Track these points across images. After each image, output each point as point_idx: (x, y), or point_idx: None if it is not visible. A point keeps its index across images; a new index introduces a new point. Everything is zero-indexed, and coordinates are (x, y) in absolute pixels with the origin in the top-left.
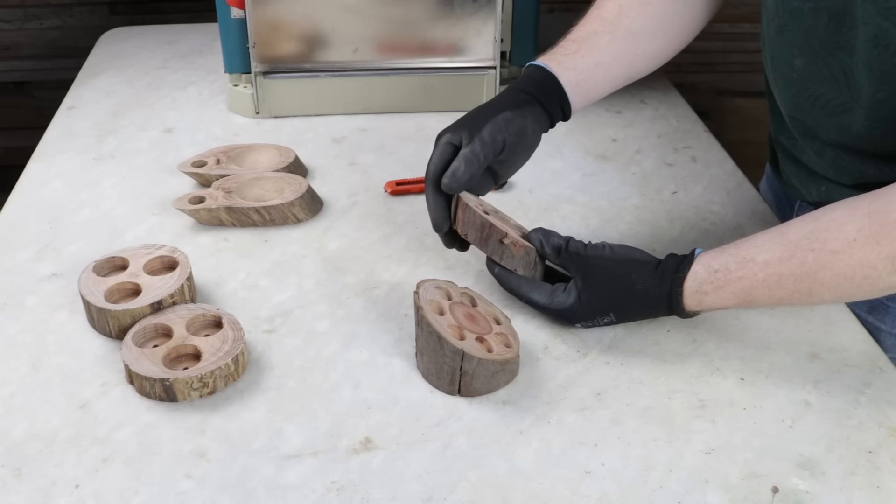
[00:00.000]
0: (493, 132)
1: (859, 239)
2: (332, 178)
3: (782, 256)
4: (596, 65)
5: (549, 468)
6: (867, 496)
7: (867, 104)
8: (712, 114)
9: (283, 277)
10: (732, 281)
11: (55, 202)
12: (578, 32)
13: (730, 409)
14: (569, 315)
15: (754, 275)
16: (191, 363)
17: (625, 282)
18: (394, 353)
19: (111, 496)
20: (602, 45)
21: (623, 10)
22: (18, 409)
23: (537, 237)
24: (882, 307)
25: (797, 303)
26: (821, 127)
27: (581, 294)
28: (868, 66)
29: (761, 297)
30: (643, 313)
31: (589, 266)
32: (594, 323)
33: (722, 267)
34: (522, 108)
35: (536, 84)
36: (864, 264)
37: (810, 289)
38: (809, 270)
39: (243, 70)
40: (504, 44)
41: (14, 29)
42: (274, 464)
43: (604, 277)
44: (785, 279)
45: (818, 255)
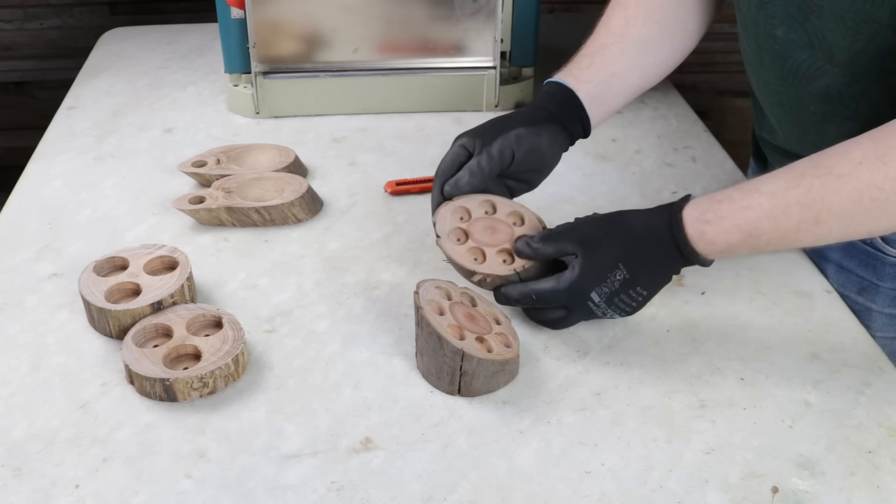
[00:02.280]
0: (502, 147)
1: (865, 161)
2: (332, 178)
3: (788, 185)
4: (611, 76)
5: (549, 468)
6: (867, 496)
7: (844, 61)
8: (712, 114)
9: (283, 277)
10: (737, 211)
11: (55, 202)
12: (589, 47)
13: (730, 409)
14: (581, 286)
15: (759, 204)
16: (191, 363)
17: (622, 227)
18: (394, 353)
19: (111, 496)
20: (614, 56)
21: (629, 21)
22: (18, 409)
23: (521, 243)
24: (872, 287)
25: (804, 238)
26: (805, 97)
27: (584, 260)
28: (841, 20)
29: (767, 229)
30: (651, 256)
31: (581, 230)
32: (609, 286)
33: (726, 197)
34: (538, 125)
35: (556, 101)
36: (872, 185)
37: (817, 216)
38: (816, 196)
39: (243, 70)
40: (504, 44)
41: (14, 29)
42: (274, 464)
43: (600, 232)
44: (791, 208)
45: (825, 180)
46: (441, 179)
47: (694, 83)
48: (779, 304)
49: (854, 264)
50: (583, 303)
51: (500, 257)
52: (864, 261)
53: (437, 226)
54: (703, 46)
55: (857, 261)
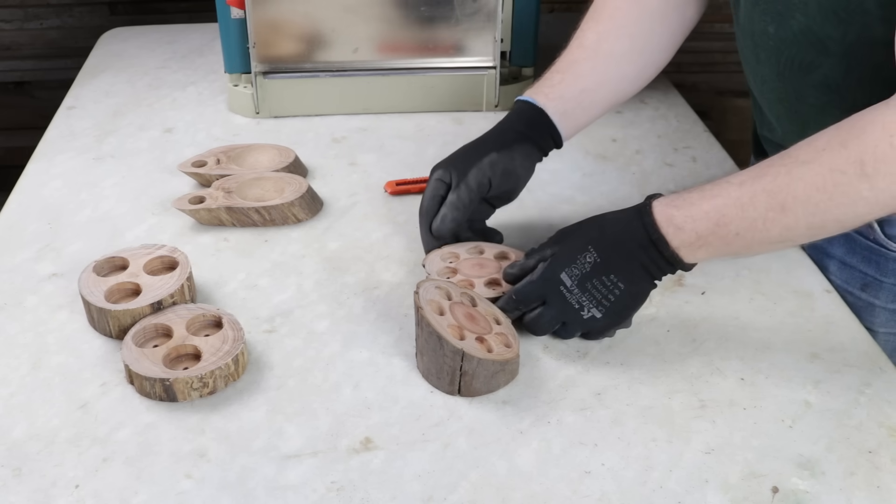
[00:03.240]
0: (478, 177)
1: (828, 147)
2: (332, 178)
3: (756, 175)
4: (581, 91)
5: (549, 468)
6: (867, 496)
7: (838, 52)
8: (712, 114)
9: (283, 277)
10: (705, 198)
11: (55, 202)
12: (561, 63)
13: (730, 409)
14: (552, 268)
15: (728, 193)
16: (191, 363)
17: (593, 220)
18: (394, 353)
19: (111, 496)
20: (585, 72)
21: (601, 35)
22: (18, 409)
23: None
24: (875, 283)
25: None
26: (804, 90)
27: (557, 251)
28: (832, 12)
29: (734, 217)
30: (621, 241)
31: (560, 231)
32: (580, 268)
33: (697, 188)
34: (510, 147)
35: (525, 120)
36: (834, 170)
37: (783, 203)
38: (782, 183)
39: (243, 70)
40: (504, 44)
41: (14, 29)
42: (274, 464)
43: (575, 227)
44: (758, 196)
45: (790, 167)
46: (426, 218)
47: (694, 83)
48: (779, 304)
49: (857, 260)
50: (556, 289)
51: (489, 287)
52: (867, 257)
53: (426, 268)
54: (703, 46)
55: (860, 257)
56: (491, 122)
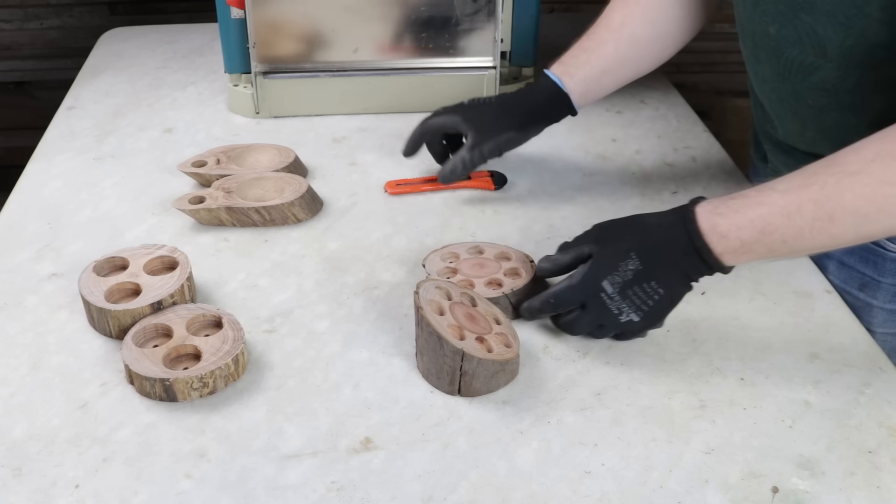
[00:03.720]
0: (492, 149)
1: (877, 159)
2: (332, 178)
3: (802, 183)
4: (602, 72)
5: (549, 468)
6: (867, 496)
7: (836, 56)
8: (712, 114)
9: (283, 277)
10: (750, 206)
11: (55, 202)
12: (588, 41)
13: (730, 409)
14: (593, 276)
15: (773, 201)
16: (191, 363)
17: (635, 221)
18: (394, 353)
19: (111, 496)
20: (608, 54)
21: (626, 18)
22: (18, 409)
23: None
24: (873, 283)
25: (818, 237)
26: (802, 91)
27: (598, 253)
28: (833, 15)
29: (780, 226)
30: (666, 249)
31: (599, 228)
32: (622, 275)
33: (740, 195)
34: (527, 128)
35: (548, 100)
36: (884, 182)
37: (831, 214)
38: (830, 193)
39: (243, 70)
40: (504, 44)
41: (14, 29)
42: (274, 464)
43: (614, 228)
44: (805, 205)
45: (838, 177)
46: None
47: (694, 83)
48: (779, 304)
49: (855, 260)
50: (596, 295)
51: (489, 287)
52: (865, 257)
53: (426, 268)
54: (703, 46)
55: (858, 257)
56: None
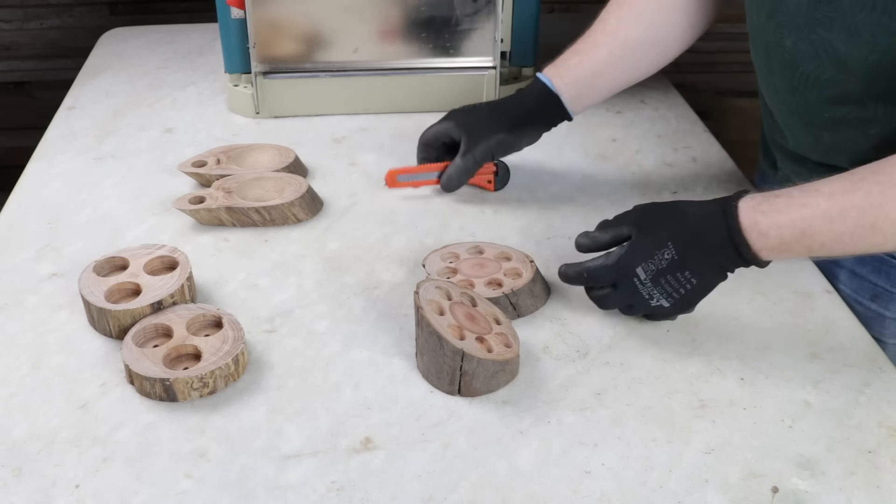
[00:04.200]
0: (484, 152)
1: None
2: (332, 178)
3: (847, 188)
4: (593, 75)
5: (549, 468)
6: (867, 496)
7: (860, 71)
8: (712, 114)
9: (283, 277)
10: (793, 207)
11: (55, 202)
12: (582, 43)
13: (730, 409)
14: (628, 261)
15: (817, 204)
16: (191, 363)
17: (676, 209)
18: (394, 353)
19: (111, 496)
20: (602, 57)
21: (622, 21)
22: (18, 409)
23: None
24: (886, 294)
25: (858, 243)
26: (817, 105)
27: (636, 237)
28: (856, 32)
29: (821, 229)
30: (704, 241)
31: (639, 211)
32: (657, 264)
33: (784, 193)
34: (519, 130)
35: (540, 103)
36: None
37: (874, 223)
38: (874, 203)
39: (243, 70)
40: (504, 44)
41: (14, 29)
42: (274, 464)
43: (655, 214)
44: (848, 211)
45: (885, 187)
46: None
47: (694, 83)
48: (779, 304)
49: (867, 271)
50: (629, 279)
51: (489, 287)
52: (878, 267)
53: (426, 268)
54: (703, 46)
55: (871, 267)
56: None
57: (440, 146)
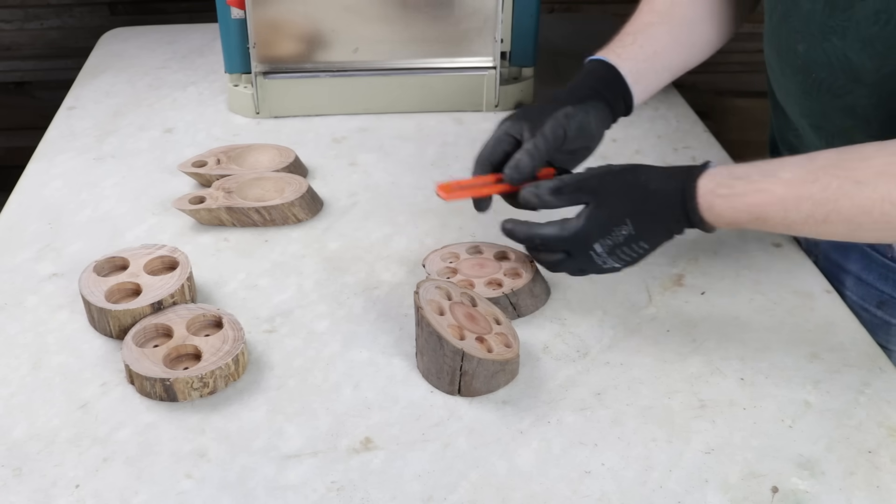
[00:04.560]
0: (554, 127)
1: (886, 174)
2: (332, 178)
3: (805, 178)
4: (654, 54)
5: (549, 468)
6: (867, 496)
7: (871, 81)
8: (712, 114)
9: (283, 277)
10: (750, 192)
11: (55, 202)
12: (633, 25)
13: (730, 409)
14: (584, 235)
15: (773, 190)
16: (191, 363)
17: (636, 184)
18: (394, 353)
19: (111, 496)
20: (659, 35)
21: (675, 0)
22: (18, 409)
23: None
24: (892, 302)
25: (807, 231)
26: (829, 112)
27: (593, 210)
28: (869, 43)
29: (774, 216)
30: (659, 216)
31: (596, 182)
32: (614, 239)
33: (744, 174)
34: (584, 103)
35: (599, 78)
36: (885, 199)
37: (826, 216)
38: (830, 197)
39: (243, 70)
40: (504, 44)
41: (14, 29)
42: (274, 464)
43: (615, 185)
44: (803, 201)
45: (842, 182)
46: (483, 165)
47: (694, 83)
48: (779, 304)
49: (873, 277)
50: (585, 251)
51: (489, 287)
52: (884, 274)
53: (426, 268)
54: None
55: (877, 274)
56: (491, 122)
57: (502, 156)
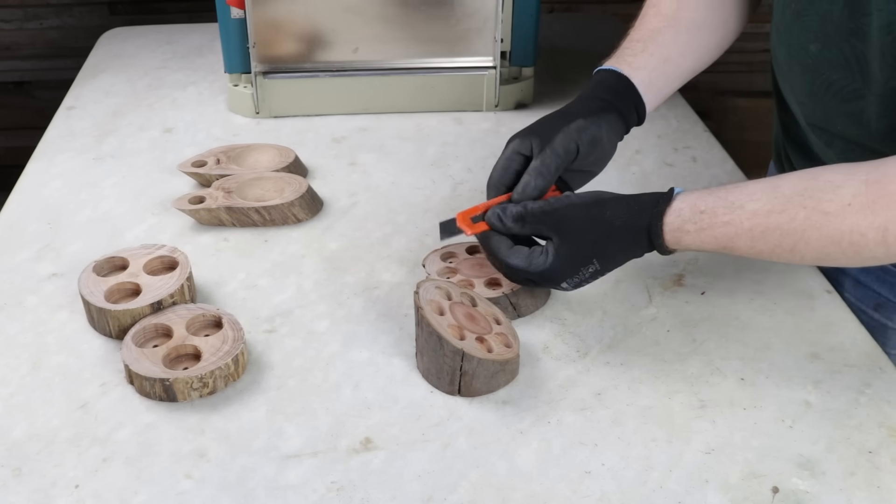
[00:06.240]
0: (565, 141)
1: (854, 204)
2: (332, 178)
3: (772, 209)
4: (664, 61)
5: (549, 468)
6: (867, 496)
7: (879, 92)
8: (712, 114)
9: (283, 277)
10: (717, 225)
11: (55, 202)
12: (640, 31)
13: (730, 409)
14: (551, 275)
15: (740, 222)
16: (191, 363)
17: (601, 221)
18: (394, 353)
19: (111, 496)
20: (667, 41)
21: (681, 4)
22: (18, 409)
23: (494, 213)
24: (889, 304)
25: (776, 258)
26: (833, 116)
27: (559, 249)
28: (881, 53)
29: (742, 246)
30: (625, 252)
31: (560, 217)
32: (580, 277)
33: (708, 209)
34: (597, 115)
35: (610, 88)
36: (854, 231)
37: (793, 246)
38: (798, 228)
39: (243, 70)
40: (504, 44)
41: (14, 29)
42: (274, 464)
43: (579, 224)
44: (771, 232)
45: (809, 213)
46: (495, 189)
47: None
48: (779, 304)
49: (871, 279)
50: (552, 285)
51: (489, 287)
52: (881, 277)
53: (426, 267)
54: None
55: (875, 276)
56: (491, 122)
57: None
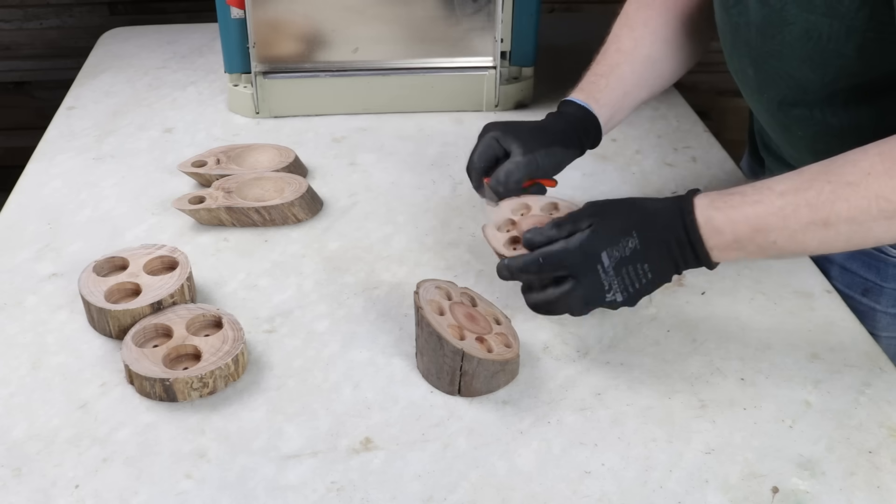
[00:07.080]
0: (547, 159)
1: (873, 173)
2: (332, 178)
3: (799, 187)
4: (623, 95)
5: (549, 468)
6: (867, 496)
7: (819, 90)
8: (712, 114)
9: (283, 277)
10: (747, 204)
11: (55, 202)
12: (601, 66)
13: (730, 409)
14: (593, 243)
15: (770, 201)
16: (191, 363)
17: (634, 205)
18: (394, 353)
19: (111, 496)
20: (626, 76)
21: (638, 41)
22: (18, 409)
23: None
24: (876, 288)
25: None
26: (790, 124)
27: (598, 223)
28: (809, 59)
29: (775, 227)
30: (663, 235)
31: (594, 205)
32: (621, 251)
33: (737, 191)
34: (568, 149)
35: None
36: (880, 196)
37: (826, 219)
38: (826, 200)
39: (243, 70)
40: (504, 44)
41: (14, 29)
42: (274, 464)
43: (613, 206)
44: (801, 209)
45: (835, 186)
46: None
47: (694, 83)
48: (779, 304)
49: (857, 265)
50: (593, 265)
51: None
52: (868, 262)
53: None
54: None
55: (861, 262)
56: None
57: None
